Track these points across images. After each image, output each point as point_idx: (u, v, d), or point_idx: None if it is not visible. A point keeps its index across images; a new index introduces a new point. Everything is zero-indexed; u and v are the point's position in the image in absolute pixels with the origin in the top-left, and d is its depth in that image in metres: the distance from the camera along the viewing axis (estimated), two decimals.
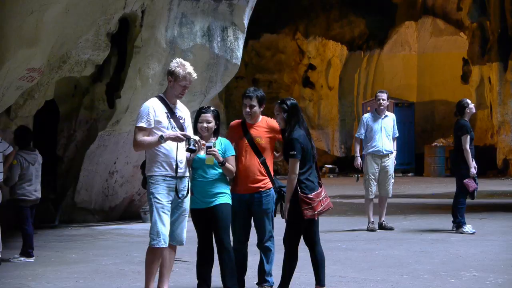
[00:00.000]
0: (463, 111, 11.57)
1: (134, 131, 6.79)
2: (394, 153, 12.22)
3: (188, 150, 6.73)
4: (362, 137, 12.23)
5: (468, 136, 11.37)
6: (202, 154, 6.95)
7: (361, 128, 12.24)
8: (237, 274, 7.12)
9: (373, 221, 12.00)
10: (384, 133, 12.06)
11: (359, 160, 12.12)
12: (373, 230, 11.92)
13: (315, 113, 30.19)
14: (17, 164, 9.74)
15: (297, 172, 6.79)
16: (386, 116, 12.21)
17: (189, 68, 6.84)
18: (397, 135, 12.32)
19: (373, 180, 12.04)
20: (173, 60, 6.93)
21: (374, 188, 12.09)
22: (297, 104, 7.09)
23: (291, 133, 6.89)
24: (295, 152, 6.80)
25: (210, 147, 6.92)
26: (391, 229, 12.00)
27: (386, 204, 12.23)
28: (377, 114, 12.20)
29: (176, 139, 6.69)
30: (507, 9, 26.59)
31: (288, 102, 6.99)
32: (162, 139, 6.65)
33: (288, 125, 6.96)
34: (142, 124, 6.72)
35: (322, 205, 6.86)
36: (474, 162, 11.38)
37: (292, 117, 6.95)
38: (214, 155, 6.92)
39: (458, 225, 11.51)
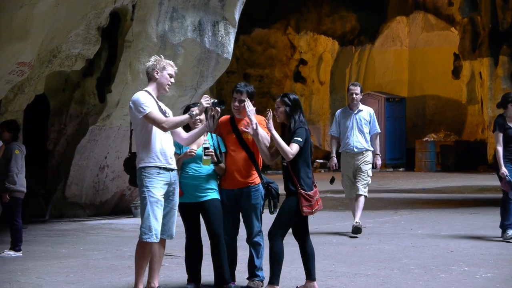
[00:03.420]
0: (506, 105, 10.28)
1: (150, 119, 6.53)
2: (377, 150, 11.29)
3: (214, 104, 6.71)
4: (334, 134, 11.39)
5: (501, 134, 10.19)
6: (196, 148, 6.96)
7: (333, 124, 11.48)
8: None
9: (357, 221, 11.00)
10: (357, 129, 11.18)
11: (334, 160, 11.35)
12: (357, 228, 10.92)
13: (307, 108, 30.16)
14: (20, 154, 9.60)
15: (295, 154, 6.82)
16: (360, 110, 11.22)
17: (168, 60, 6.85)
18: (377, 131, 11.26)
19: (347, 180, 11.24)
20: (150, 59, 6.85)
21: (350, 188, 11.22)
22: (299, 99, 7.11)
23: (297, 125, 6.92)
24: (300, 139, 6.87)
25: (208, 148, 6.90)
26: (359, 231, 10.96)
27: (362, 204, 11.07)
28: (350, 109, 11.32)
29: (204, 109, 6.69)
30: (498, 4, 26.65)
31: (291, 97, 7.03)
32: (192, 114, 6.65)
33: (289, 119, 6.97)
34: (149, 108, 6.55)
35: (318, 204, 6.91)
36: None
37: (294, 111, 6.98)
38: (212, 156, 6.93)
39: (503, 229, 10.32)
